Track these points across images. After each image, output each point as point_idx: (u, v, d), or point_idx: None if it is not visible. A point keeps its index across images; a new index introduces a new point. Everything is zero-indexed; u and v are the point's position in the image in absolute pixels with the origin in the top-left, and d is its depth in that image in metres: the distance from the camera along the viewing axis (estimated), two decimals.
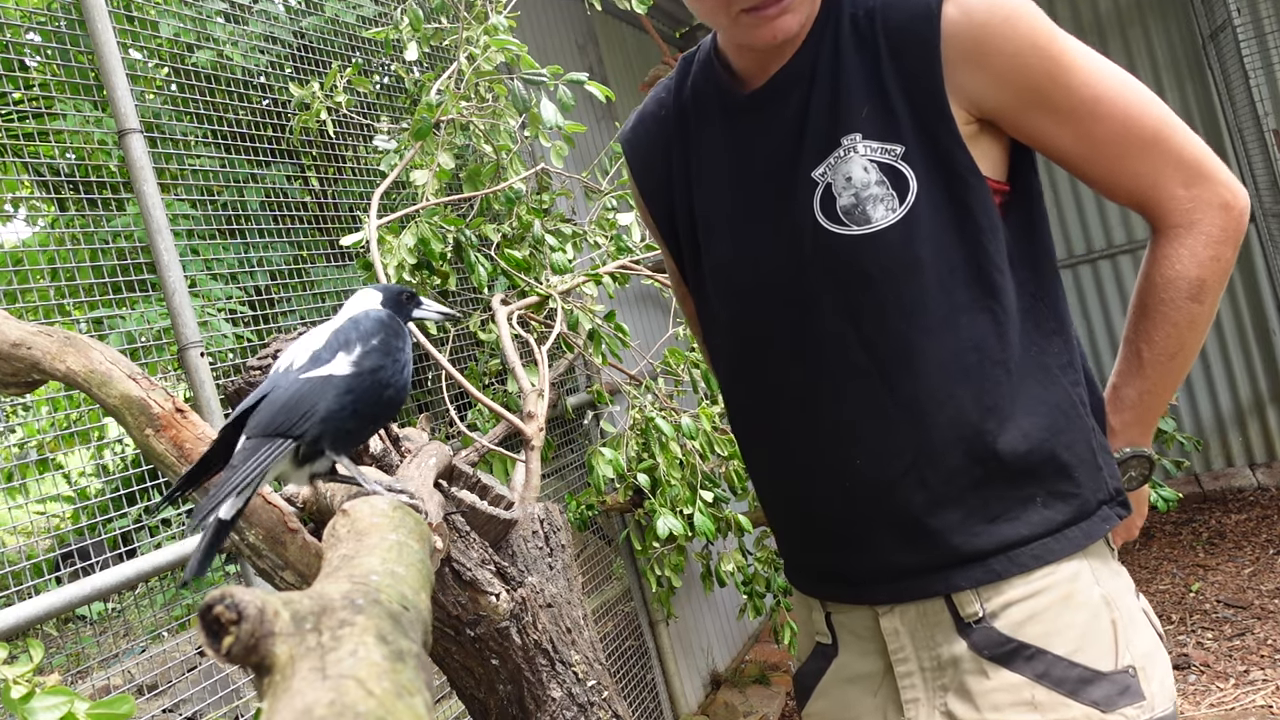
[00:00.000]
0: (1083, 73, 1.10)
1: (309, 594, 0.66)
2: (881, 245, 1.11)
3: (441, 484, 1.56)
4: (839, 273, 1.13)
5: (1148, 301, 1.17)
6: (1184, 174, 1.13)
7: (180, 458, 1.35)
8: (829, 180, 1.13)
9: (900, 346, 1.12)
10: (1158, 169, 1.12)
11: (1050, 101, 1.10)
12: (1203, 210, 1.13)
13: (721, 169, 1.26)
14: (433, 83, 3.08)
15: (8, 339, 1.41)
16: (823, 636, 1.29)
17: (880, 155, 1.11)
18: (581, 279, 3.22)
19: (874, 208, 1.11)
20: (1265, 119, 5.13)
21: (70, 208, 2.66)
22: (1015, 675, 1.11)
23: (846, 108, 1.13)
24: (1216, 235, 1.13)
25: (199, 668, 2.58)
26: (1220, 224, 1.13)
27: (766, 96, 1.20)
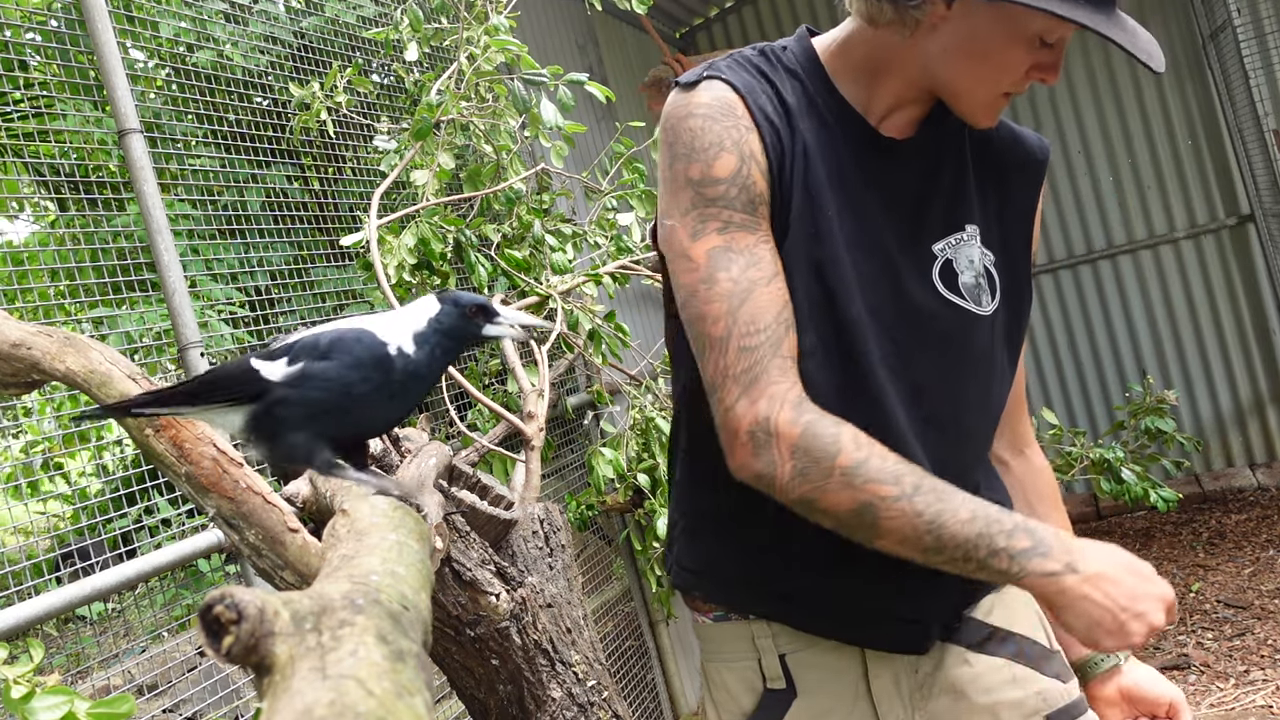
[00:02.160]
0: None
1: (309, 594, 0.66)
2: (985, 326, 1.24)
3: (441, 484, 1.56)
4: (943, 337, 1.22)
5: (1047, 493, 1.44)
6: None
7: (180, 458, 1.35)
8: (949, 256, 1.22)
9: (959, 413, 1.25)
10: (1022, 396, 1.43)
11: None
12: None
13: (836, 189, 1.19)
14: (433, 83, 3.08)
15: (8, 339, 1.41)
16: (774, 682, 1.25)
17: (983, 258, 1.25)
18: (581, 279, 3.22)
19: (983, 294, 1.24)
20: (1265, 119, 5.13)
21: (70, 207, 2.66)
22: (996, 658, 1.24)
23: (970, 200, 1.25)
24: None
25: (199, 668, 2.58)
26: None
27: (914, 148, 1.22)
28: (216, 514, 1.35)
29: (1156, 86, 5.73)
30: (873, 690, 1.21)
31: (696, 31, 6.88)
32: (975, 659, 1.23)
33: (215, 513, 1.35)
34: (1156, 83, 5.72)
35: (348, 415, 1.09)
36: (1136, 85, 5.73)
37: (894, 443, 1.12)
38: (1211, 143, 5.69)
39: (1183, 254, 5.83)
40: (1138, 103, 5.75)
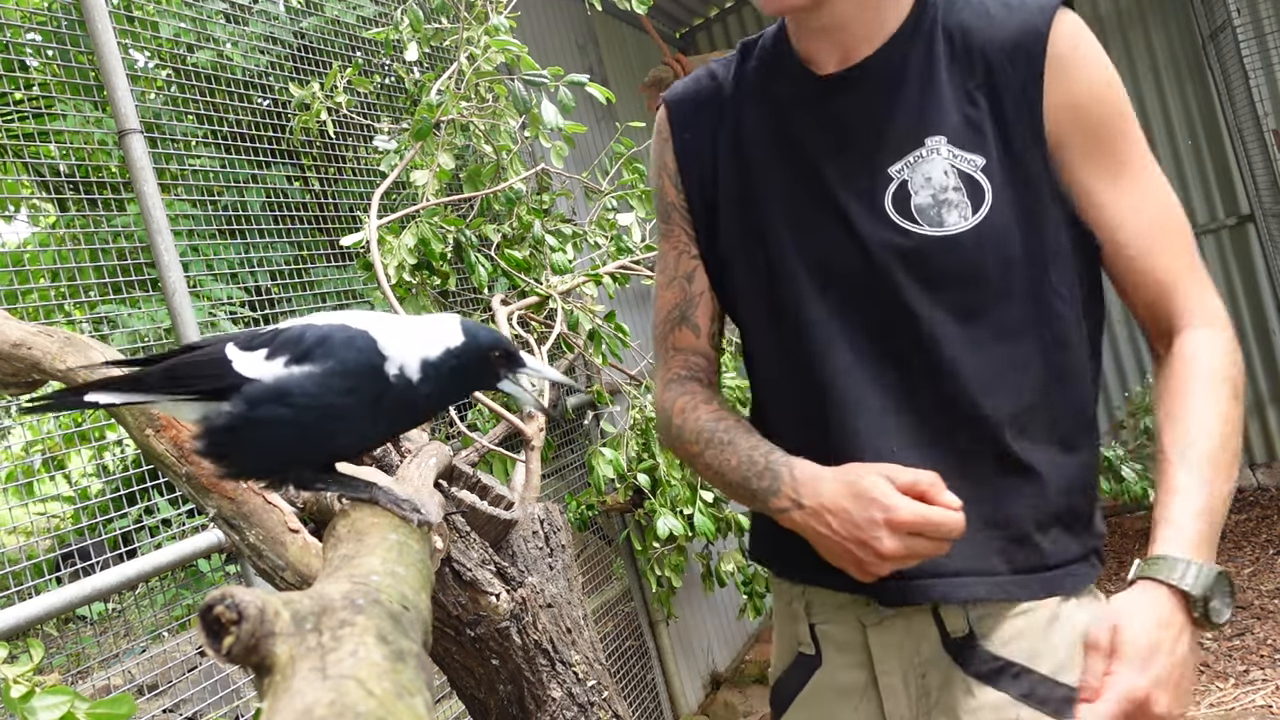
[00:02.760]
0: (1139, 139, 1.15)
1: (309, 594, 0.66)
2: (950, 249, 1.12)
3: (441, 484, 1.56)
4: (900, 266, 1.14)
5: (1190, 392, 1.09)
6: (1201, 284, 1.14)
7: (181, 458, 1.35)
8: (905, 177, 1.14)
9: (944, 349, 1.13)
10: (1184, 269, 1.13)
11: (1111, 148, 1.12)
12: (1219, 321, 1.13)
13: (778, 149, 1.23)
14: (433, 83, 3.08)
15: (8, 339, 1.41)
16: (805, 647, 1.27)
17: (962, 163, 1.13)
18: (581, 279, 3.23)
19: (948, 212, 1.12)
20: (1265, 119, 5.13)
21: (71, 208, 2.66)
22: (1000, 694, 1.11)
23: (936, 111, 1.15)
24: (1233, 344, 1.12)
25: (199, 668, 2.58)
26: (1231, 340, 1.12)
27: (869, 73, 1.17)
28: (217, 514, 1.35)
29: (1156, 86, 5.73)
30: (879, 684, 1.19)
31: (696, 31, 6.88)
32: (980, 690, 1.13)
33: (216, 513, 1.36)
34: (1156, 83, 5.72)
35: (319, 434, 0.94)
36: (1136, 85, 5.73)
37: (837, 399, 1.18)
38: (1211, 143, 5.69)
39: None
40: (1137, 103, 5.75)
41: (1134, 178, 1.13)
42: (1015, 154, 1.12)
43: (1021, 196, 1.12)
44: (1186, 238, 1.13)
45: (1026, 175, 1.12)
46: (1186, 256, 1.13)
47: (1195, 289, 1.12)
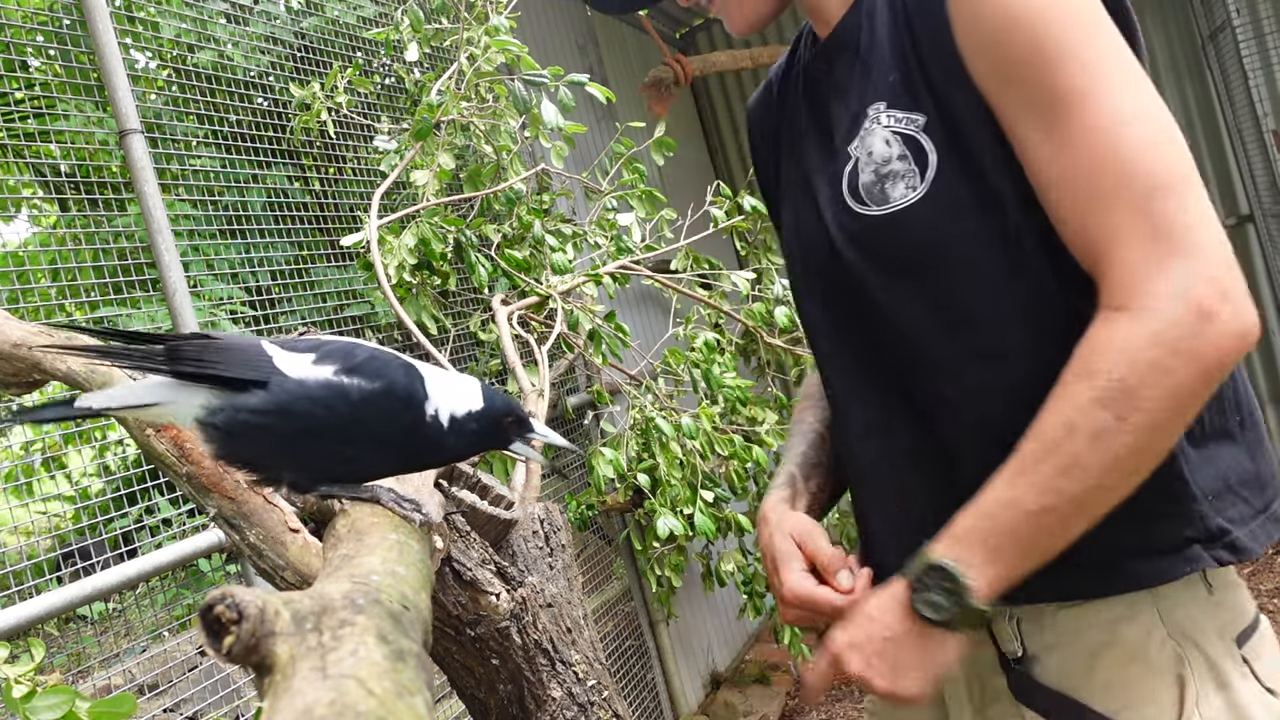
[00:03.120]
0: (1078, 69, 0.88)
1: (310, 594, 0.66)
2: (900, 228, 0.99)
3: (441, 484, 1.56)
4: (854, 253, 1.04)
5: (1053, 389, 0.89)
6: (1161, 247, 0.83)
7: (181, 458, 1.36)
8: (858, 155, 1.03)
9: (911, 340, 1.02)
10: (1118, 232, 0.85)
11: (1038, 90, 0.89)
12: (1165, 301, 0.82)
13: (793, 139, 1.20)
14: (433, 83, 3.08)
15: (9, 339, 1.41)
16: None
17: (902, 125, 0.99)
18: (581, 279, 3.23)
19: (893, 186, 0.99)
20: (1264, 119, 5.13)
21: (71, 208, 2.66)
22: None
23: (876, 75, 1.02)
24: (1170, 339, 0.82)
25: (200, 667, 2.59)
26: (1184, 330, 0.81)
27: (814, 64, 1.14)
28: (217, 514, 1.35)
29: (1155, 86, 5.73)
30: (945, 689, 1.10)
31: (696, 32, 6.88)
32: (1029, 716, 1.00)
33: (216, 513, 1.36)
34: (1155, 83, 5.71)
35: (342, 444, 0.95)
36: None
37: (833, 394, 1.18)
38: (1210, 143, 5.69)
39: None
40: None
41: (1069, 123, 0.88)
42: (952, 110, 0.96)
43: (967, 158, 0.95)
44: (1129, 192, 0.85)
45: (969, 132, 0.95)
46: (1125, 216, 0.85)
47: (1128, 256, 0.85)
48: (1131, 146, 0.86)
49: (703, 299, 3.81)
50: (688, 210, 3.85)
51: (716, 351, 3.57)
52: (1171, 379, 0.82)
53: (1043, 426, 0.87)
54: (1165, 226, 0.83)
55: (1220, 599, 0.98)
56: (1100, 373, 0.84)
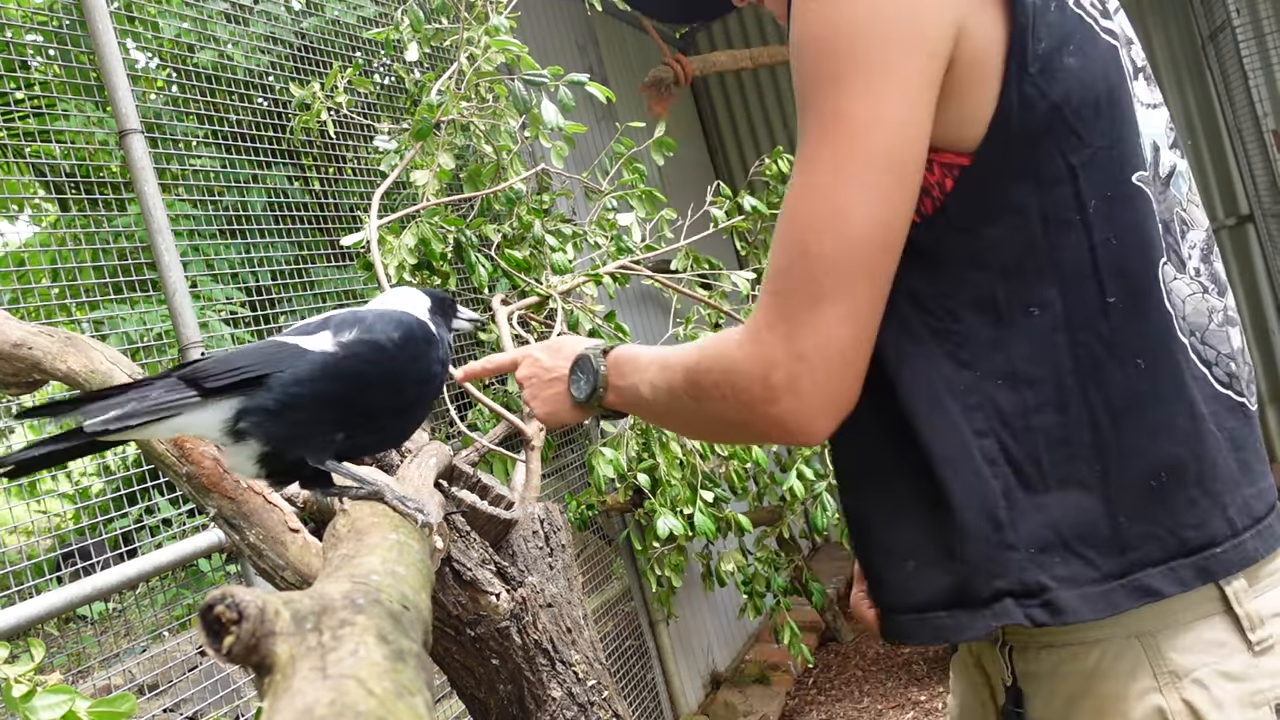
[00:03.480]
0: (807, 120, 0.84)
1: (310, 594, 0.66)
2: None
3: (442, 484, 1.57)
4: None
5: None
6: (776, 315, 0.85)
7: (181, 458, 1.36)
8: None
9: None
10: (768, 278, 0.87)
11: (802, 122, 0.86)
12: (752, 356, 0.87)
13: None
14: (433, 83, 3.08)
15: (9, 339, 1.41)
16: None
17: None
18: (582, 279, 3.23)
19: None
20: (1264, 119, 5.14)
21: (71, 208, 2.66)
22: None
23: None
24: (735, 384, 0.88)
25: (200, 667, 2.59)
26: (746, 386, 0.87)
27: None
28: (217, 514, 1.36)
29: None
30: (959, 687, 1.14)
31: (696, 32, 6.88)
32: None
33: (216, 513, 1.36)
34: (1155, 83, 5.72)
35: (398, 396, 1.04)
36: None
37: None
38: (1210, 143, 5.69)
39: None
40: None
41: (797, 167, 0.85)
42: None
43: None
44: (783, 249, 0.85)
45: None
46: (774, 266, 0.86)
47: (760, 302, 0.87)
48: (803, 217, 0.83)
49: (703, 299, 3.81)
50: (688, 210, 3.86)
51: None
52: (720, 407, 0.91)
53: (679, 353, 0.99)
54: (791, 303, 0.84)
55: (1265, 656, 0.87)
56: (703, 353, 0.94)
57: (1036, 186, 0.86)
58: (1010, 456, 0.88)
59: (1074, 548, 0.87)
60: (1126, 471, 0.87)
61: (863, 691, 4.52)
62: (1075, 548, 0.87)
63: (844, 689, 4.60)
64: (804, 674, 4.83)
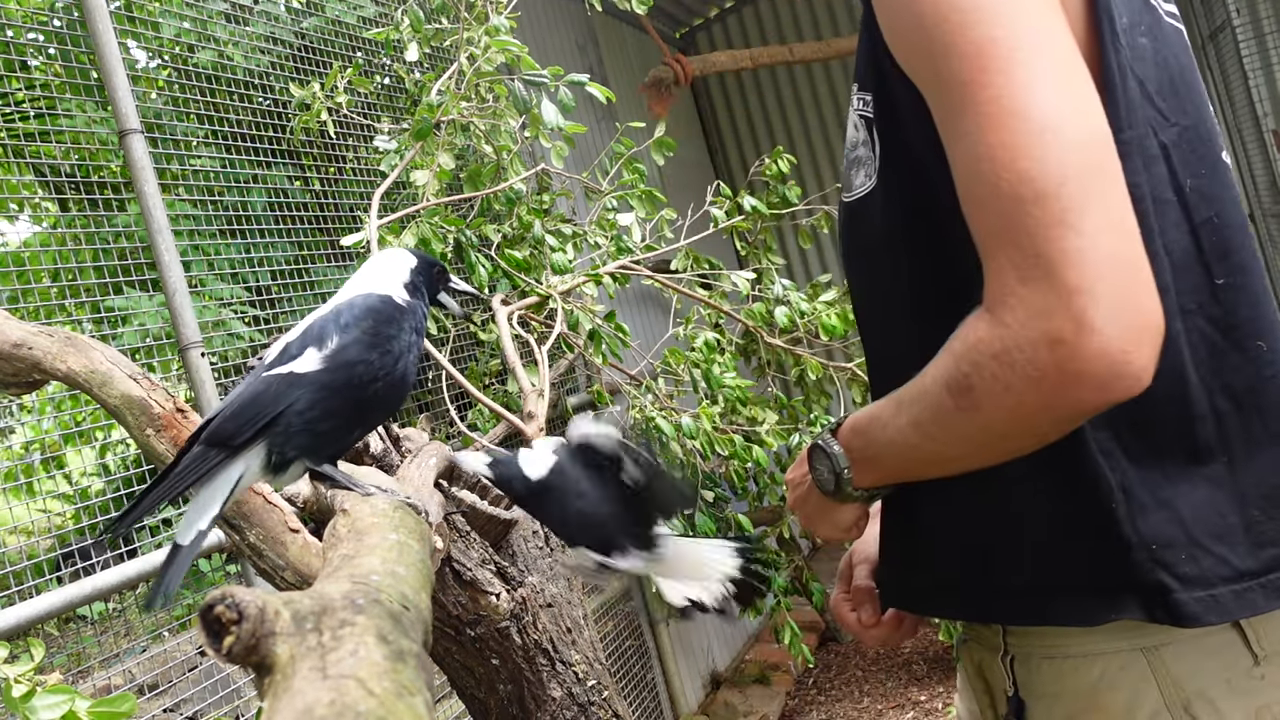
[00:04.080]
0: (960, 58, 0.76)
1: (310, 594, 0.67)
2: (859, 216, 0.95)
3: (442, 484, 1.57)
4: (841, 241, 1.04)
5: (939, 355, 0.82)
6: (1026, 262, 0.72)
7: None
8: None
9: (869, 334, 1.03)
10: (986, 243, 0.76)
11: (941, 79, 0.79)
12: (1020, 321, 0.73)
13: None
14: (433, 83, 3.08)
15: (9, 339, 1.41)
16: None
17: (863, 108, 0.93)
18: (582, 279, 3.23)
19: (857, 172, 0.94)
20: (1264, 119, 5.14)
21: (72, 208, 2.67)
22: None
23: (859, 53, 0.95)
24: (1015, 361, 0.73)
25: (200, 667, 2.59)
26: (1030, 357, 0.73)
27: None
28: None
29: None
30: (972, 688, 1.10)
31: (696, 31, 6.88)
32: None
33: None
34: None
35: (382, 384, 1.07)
36: None
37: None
38: None
39: None
40: None
41: (956, 115, 0.77)
42: (891, 93, 0.88)
43: (906, 151, 0.88)
44: (999, 197, 0.74)
45: (907, 122, 0.86)
46: (996, 221, 0.75)
47: (997, 264, 0.75)
48: (1006, 144, 0.74)
49: (703, 299, 3.81)
50: (688, 210, 3.86)
51: (716, 351, 3.57)
52: (1011, 398, 0.75)
53: (917, 378, 0.83)
54: (1034, 240, 0.72)
55: (1273, 670, 0.83)
56: (955, 359, 0.78)
57: (1143, 164, 0.81)
58: (1128, 450, 0.83)
59: (1203, 544, 0.81)
60: (1255, 462, 0.83)
61: (863, 691, 4.52)
62: (1205, 544, 0.81)
63: (844, 689, 4.60)
64: (804, 674, 4.83)
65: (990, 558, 0.91)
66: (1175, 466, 0.83)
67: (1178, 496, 0.82)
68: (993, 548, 0.90)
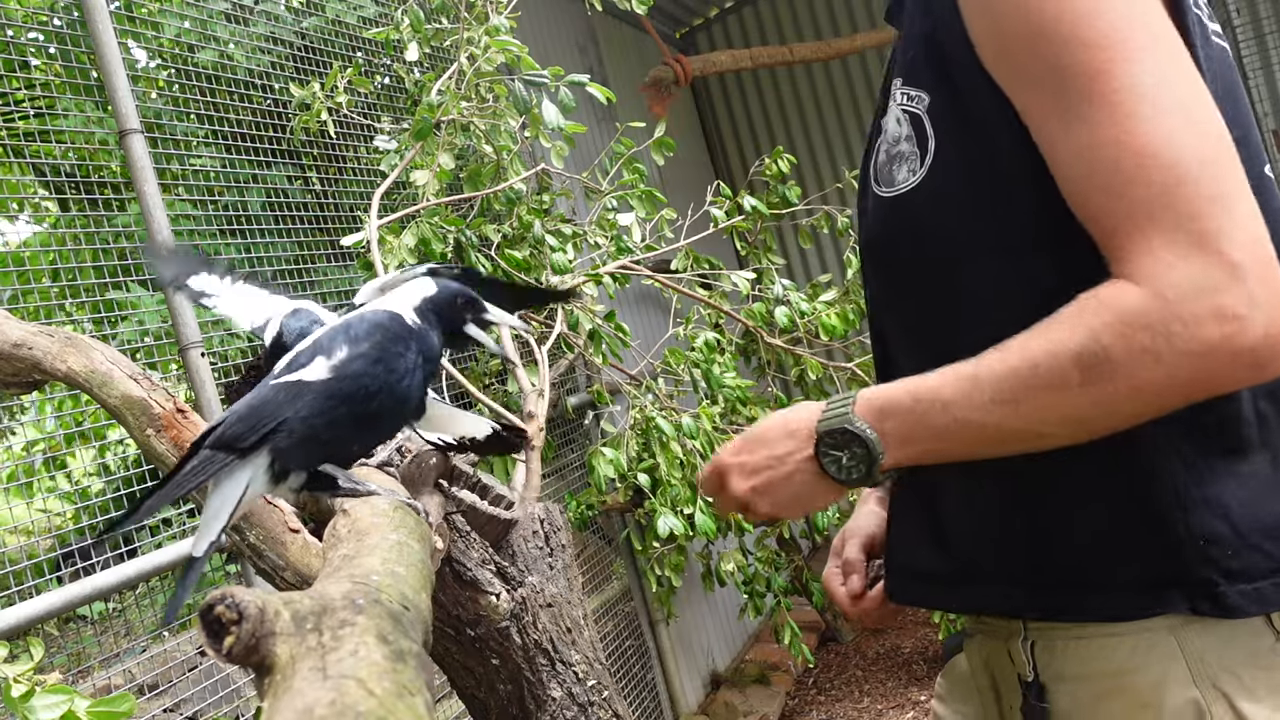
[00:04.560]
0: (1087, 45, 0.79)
1: (310, 594, 0.67)
2: (901, 211, 0.96)
3: (442, 484, 1.56)
4: (874, 237, 1.03)
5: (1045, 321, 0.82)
6: (1188, 239, 0.75)
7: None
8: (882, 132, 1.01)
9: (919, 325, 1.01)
10: (1129, 214, 0.78)
11: (1034, 70, 0.83)
12: (1184, 294, 0.74)
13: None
14: (433, 83, 3.08)
15: (9, 339, 1.41)
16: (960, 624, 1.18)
17: (909, 104, 0.95)
18: (582, 279, 3.23)
19: (898, 168, 0.96)
20: (1265, 119, 5.14)
21: (72, 208, 2.67)
22: None
23: (902, 52, 0.99)
24: (1174, 333, 0.74)
25: (200, 667, 2.59)
26: (1193, 330, 0.74)
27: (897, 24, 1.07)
28: None
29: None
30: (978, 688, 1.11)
31: (696, 32, 6.89)
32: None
33: None
34: None
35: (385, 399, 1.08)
36: None
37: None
38: None
39: None
40: None
41: (1088, 97, 0.79)
42: (957, 89, 0.90)
43: (975, 148, 0.89)
44: (1151, 175, 0.76)
45: (973, 116, 0.89)
46: (1147, 203, 0.76)
47: (1151, 243, 0.76)
48: (1153, 133, 0.77)
49: (703, 299, 3.81)
50: (688, 210, 3.86)
51: (716, 351, 3.57)
52: (1156, 373, 0.75)
53: (1012, 348, 0.82)
54: (1193, 220, 0.75)
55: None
56: (1091, 331, 0.77)
57: None
58: (1181, 448, 0.85)
59: (1250, 540, 0.84)
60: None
61: (863, 691, 4.52)
62: (1252, 540, 0.84)
63: (844, 689, 4.60)
64: (804, 674, 4.83)
65: (1031, 549, 0.91)
66: (1224, 465, 0.85)
67: (1226, 493, 0.84)
68: (1034, 538, 0.91)
